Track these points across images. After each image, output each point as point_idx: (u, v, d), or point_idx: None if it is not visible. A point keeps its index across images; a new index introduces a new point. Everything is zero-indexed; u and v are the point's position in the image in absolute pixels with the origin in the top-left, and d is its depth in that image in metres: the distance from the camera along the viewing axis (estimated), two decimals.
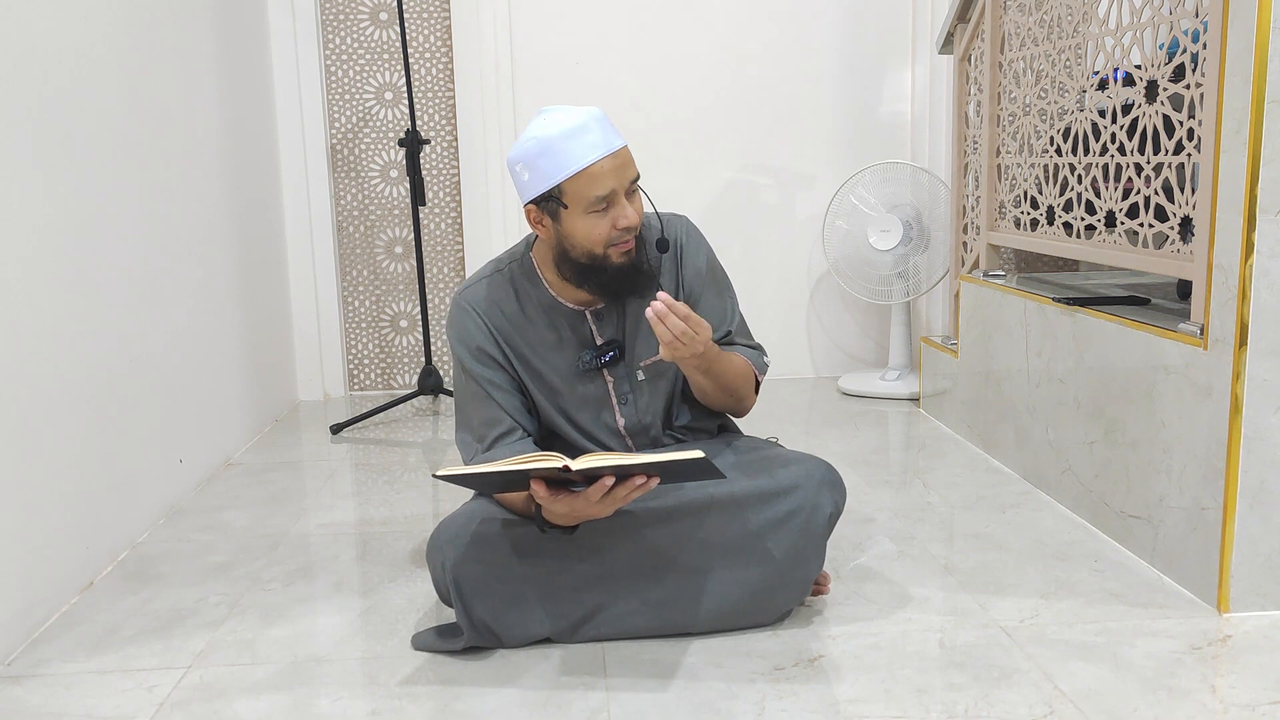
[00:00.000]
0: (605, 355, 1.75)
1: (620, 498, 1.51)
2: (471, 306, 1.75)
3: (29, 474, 1.78)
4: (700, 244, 1.82)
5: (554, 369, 1.76)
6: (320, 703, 1.51)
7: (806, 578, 1.69)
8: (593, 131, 1.60)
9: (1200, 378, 1.74)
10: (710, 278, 1.81)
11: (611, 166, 1.61)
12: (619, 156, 1.62)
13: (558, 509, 1.53)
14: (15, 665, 1.66)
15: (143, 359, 2.26)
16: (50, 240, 1.88)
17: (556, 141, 1.59)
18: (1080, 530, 2.09)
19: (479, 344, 1.74)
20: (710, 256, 1.82)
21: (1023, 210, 2.53)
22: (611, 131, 1.63)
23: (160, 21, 2.45)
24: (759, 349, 1.87)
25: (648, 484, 1.51)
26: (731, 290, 1.86)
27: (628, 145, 1.66)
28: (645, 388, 1.79)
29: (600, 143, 1.60)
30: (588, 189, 1.60)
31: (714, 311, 1.81)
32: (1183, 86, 1.82)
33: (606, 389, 1.78)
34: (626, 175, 1.63)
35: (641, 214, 1.67)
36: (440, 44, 3.39)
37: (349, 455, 2.83)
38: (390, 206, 3.47)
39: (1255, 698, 1.45)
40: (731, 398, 1.80)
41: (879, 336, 3.60)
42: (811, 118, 3.48)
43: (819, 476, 1.69)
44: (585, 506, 1.51)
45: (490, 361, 1.74)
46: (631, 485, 1.50)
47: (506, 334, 1.75)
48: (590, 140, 1.59)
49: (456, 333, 1.76)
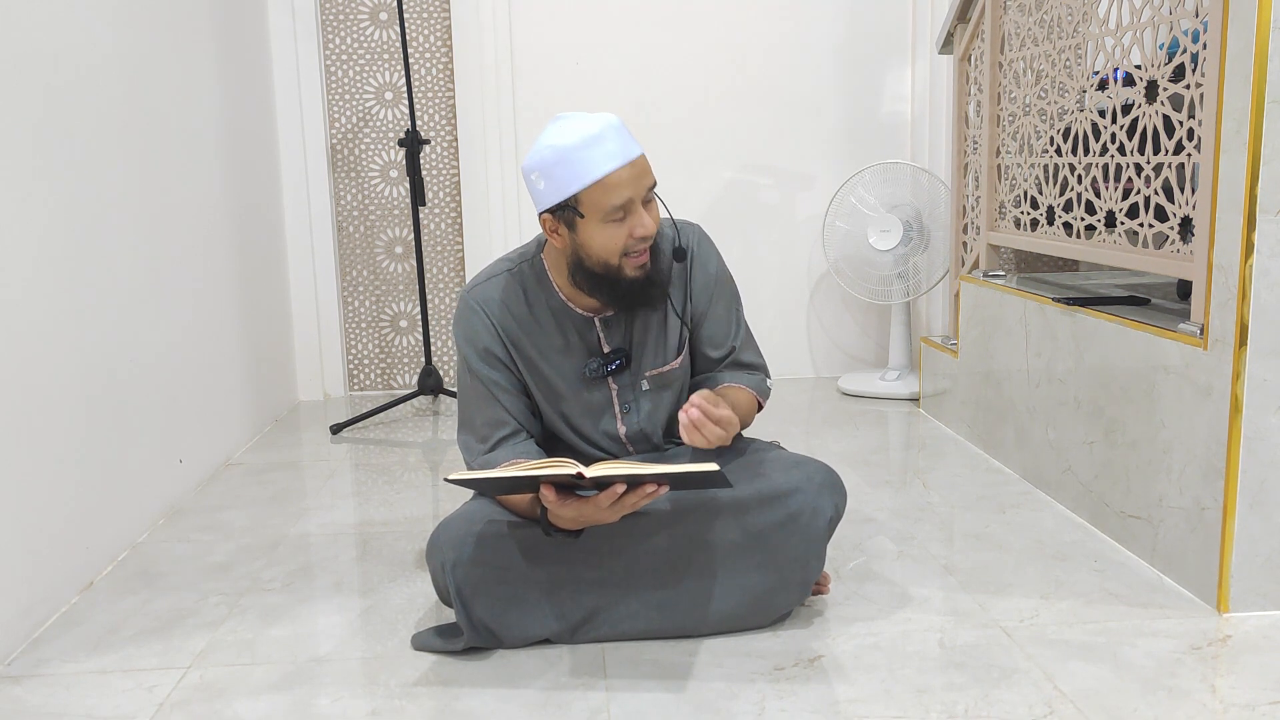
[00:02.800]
0: (612, 364, 1.74)
1: (629, 505, 1.51)
2: (480, 305, 1.74)
3: (29, 474, 1.78)
4: (711, 253, 1.81)
5: (559, 373, 1.76)
6: (320, 703, 1.51)
7: (807, 580, 1.69)
8: (610, 140, 1.58)
9: (1200, 378, 1.74)
10: (719, 289, 1.81)
11: (629, 175, 1.59)
12: (637, 165, 1.60)
13: (566, 514, 1.53)
14: (15, 665, 1.66)
15: (143, 359, 2.26)
16: (50, 240, 1.88)
17: (573, 150, 1.57)
18: (1080, 530, 2.09)
19: (485, 345, 1.73)
20: (720, 267, 1.81)
21: (1023, 210, 2.53)
22: (629, 139, 1.61)
23: (160, 21, 2.45)
24: (761, 368, 1.86)
25: (657, 491, 1.51)
26: (738, 301, 1.85)
27: (645, 153, 1.64)
28: (649, 397, 1.79)
29: (618, 152, 1.58)
30: (605, 198, 1.58)
31: (720, 325, 1.81)
32: (1183, 86, 1.82)
33: (610, 396, 1.78)
34: (644, 183, 1.61)
35: (658, 222, 1.65)
36: (440, 44, 3.39)
37: (349, 455, 2.83)
38: (390, 206, 3.47)
39: (1255, 698, 1.45)
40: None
41: (879, 336, 3.60)
42: (811, 118, 3.48)
43: (819, 480, 1.68)
44: (594, 512, 1.52)
45: (496, 363, 1.74)
46: (641, 493, 1.50)
47: (514, 336, 1.74)
48: (607, 149, 1.58)
49: (463, 332, 1.75)
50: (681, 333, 1.79)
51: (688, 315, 1.79)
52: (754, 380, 1.82)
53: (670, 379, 1.80)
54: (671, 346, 1.79)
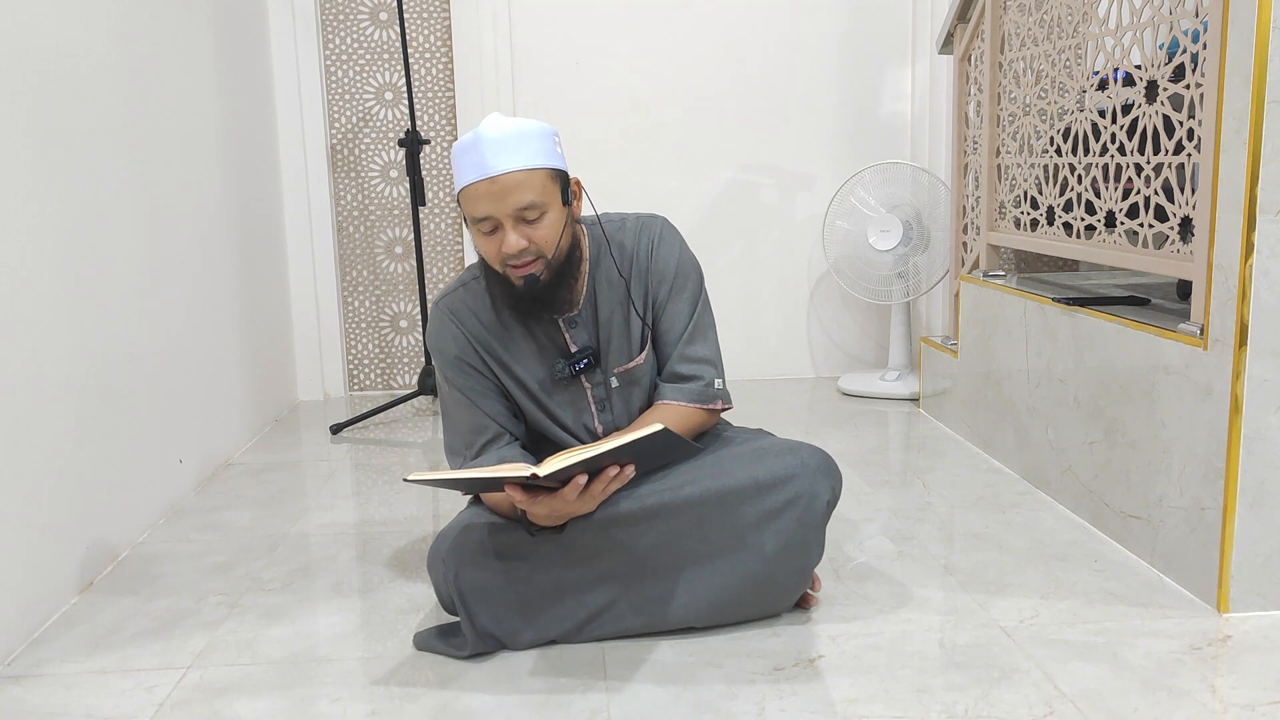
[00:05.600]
0: (579, 363, 1.74)
1: (599, 492, 1.52)
2: (451, 313, 1.75)
3: (29, 474, 1.78)
4: (673, 247, 1.77)
5: (533, 375, 1.76)
6: (320, 703, 1.51)
7: (807, 566, 1.68)
8: (480, 152, 1.57)
9: (1200, 378, 1.74)
10: (679, 281, 1.77)
11: (485, 192, 1.57)
12: (498, 183, 1.56)
13: (539, 511, 1.54)
14: (15, 665, 1.66)
15: (142, 359, 2.26)
16: (50, 240, 1.88)
17: (456, 153, 1.61)
18: (1080, 530, 2.09)
19: (457, 353, 1.74)
20: (683, 258, 1.78)
21: (1023, 210, 2.53)
22: (508, 155, 1.56)
23: (160, 21, 2.45)
24: (705, 370, 1.77)
25: (623, 473, 1.51)
26: (701, 293, 1.79)
27: (538, 171, 1.58)
28: (620, 394, 1.79)
29: (480, 164, 1.57)
30: (468, 208, 1.61)
31: (679, 320, 1.77)
32: (1183, 86, 1.82)
33: (585, 395, 1.78)
34: (508, 203, 1.57)
35: (542, 242, 1.61)
36: (440, 44, 3.39)
37: (349, 455, 2.83)
38: (390, 206, 3.47)
39: (1255, 698, 1.45)
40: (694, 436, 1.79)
41: (879, 336, 3.60)
42: (811, 118, 3.48)
43: (814, 464, 1.66)
44: (565, 506, 1.53)
45: (471, 370, 1.74)
46: (606, 478, 1.50)
47: (485, 342, 1.74)
48: (473, 160, 1.58)
49: (436, 343, 1.76)
50: (643, 330, 1.78)
51: (648, 313, 1.78)
52: (691, 391, 1.76)
53: (637, 375, 1.79)
54: (635, 342, 1.78)
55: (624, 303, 1.77)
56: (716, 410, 1.79)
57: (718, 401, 1.78)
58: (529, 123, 1.62)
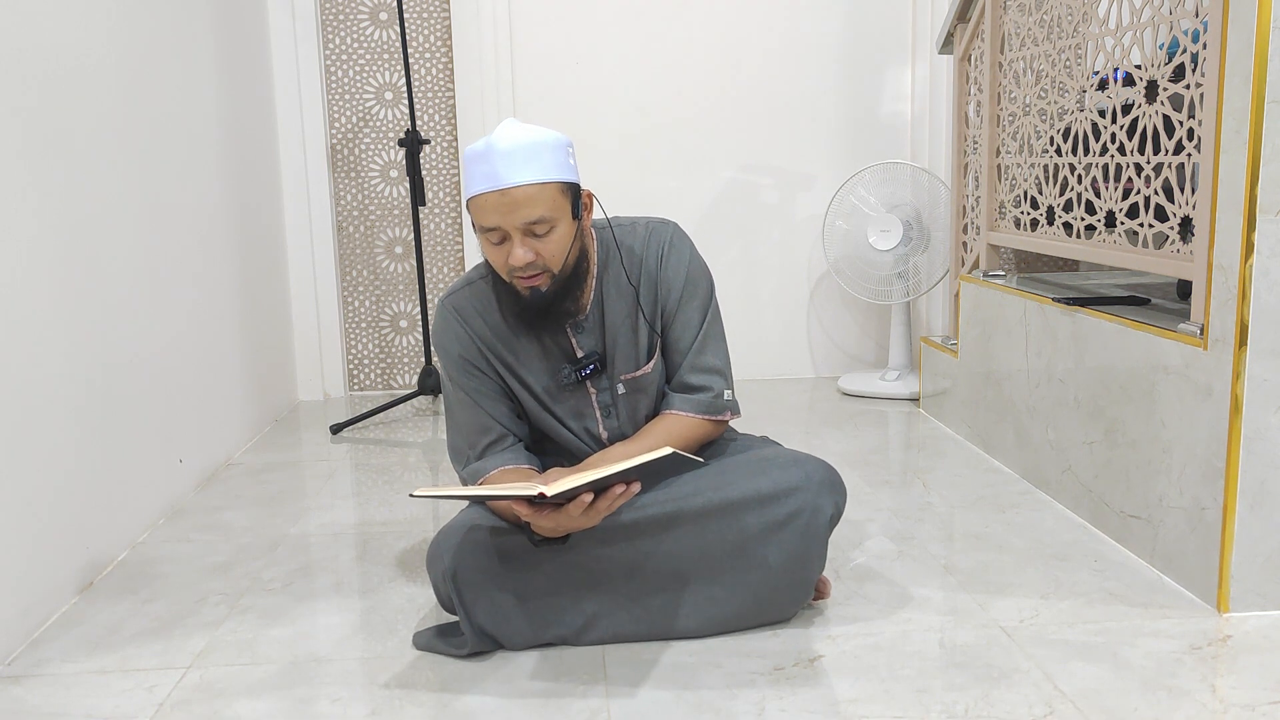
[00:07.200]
0: (585, 369, 1.73)
1: (603, 509, 1.50)
2: (456, 312, 1.74)
3: (29, 474, 1.78)
4: (682, 254, 1.75)
5: (538, 378, 1.75)
6: (320, 703, 1.51)
7: (808, 579, 1.68)
8: (490, 162, 1.56)
9: (1200, 378, 1.74)
10: (690, 289, 1.75)
11: (495, 203, 1.56)
12: (508, 196, 1.55)
13: (544, 524, 1.53)
14: (15, 665, 1.66)
15: (143, 359, 2.26)
16: (50, 240, 1.88)
17: (468, 160, 1.60)
18: (1080, 530, 2.09)
19: (462, 353, 1.73)
20: (694, 265, 1.75)
21: (1023, 210, 2.53)
22: (518, 168, 1.55)
23: (160, 21, 2.45)
24: (715, 381, 1.76)
25: (629, 490, 1.50)
26: (708, 302, 1.77)
27: (549, 185, 1.57)
28: (626, 401, 1.77)
29: (490, 175, 1.56)
30: (476, 217, 1.60)
31: (689, 329, 1.76)
32: (1183, 86, 1.82)
33: (590, 400, 1.77)
34: (516, 217, 1.56)
35: (550, 257, 1.60)
36: (440, 44, 3.39)
37: (349, 455, 2.83)
38: (390, 206, 3.47)
39: (1255, 698, 1.45)
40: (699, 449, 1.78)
41: (879, 336, 3.60)
42: (811, 118, 3.48)
43: (819, 478, 1.66)
44: (569, 521, 1.51)
45: (475, 370, 1.73)
46: (612, 495, 1.49)
47: (490, 343, 1.73)
48: (484, 170, 1.57)
49: (441, 341, 1.75)
50: (651, 337, 1.76)
51: (658, 321, 1.75)
52: (699, 403, 1.75)
53: (644, 384, 1.77)
54: (643, 350, 1.76)
55: (632, 309, 1.74)
56: (724, 421, 1.78)
57: (726, 413, 1.77)
58: (543, 133, 1.59)
